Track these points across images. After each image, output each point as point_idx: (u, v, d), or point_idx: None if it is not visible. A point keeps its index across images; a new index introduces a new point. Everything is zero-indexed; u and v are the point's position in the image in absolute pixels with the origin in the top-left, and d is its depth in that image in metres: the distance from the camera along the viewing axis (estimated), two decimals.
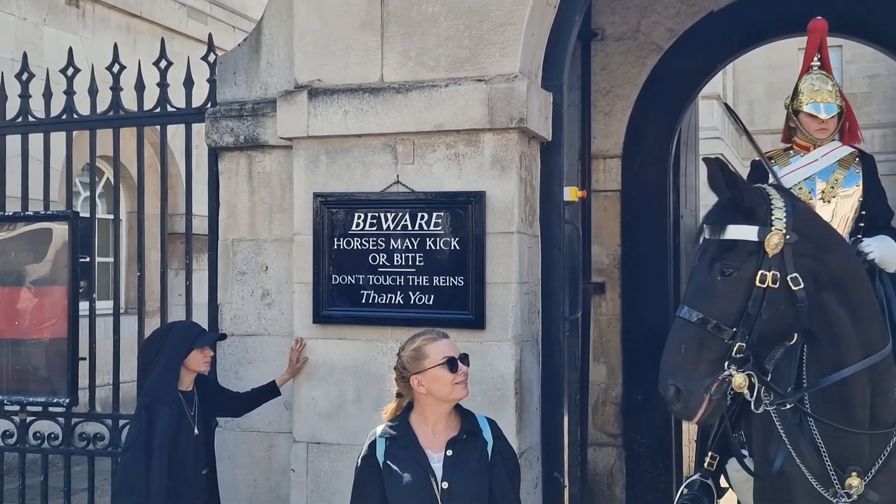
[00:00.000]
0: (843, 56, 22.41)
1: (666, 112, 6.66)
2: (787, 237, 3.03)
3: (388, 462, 3.03)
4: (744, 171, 4.48)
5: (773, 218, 3.06)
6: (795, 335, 3.21)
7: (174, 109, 5.01)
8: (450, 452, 2.99)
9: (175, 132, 5.62)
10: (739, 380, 2.99)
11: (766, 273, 3.00)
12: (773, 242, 3.01)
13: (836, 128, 4.26)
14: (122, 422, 4.93)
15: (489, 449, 3.02)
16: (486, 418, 3.14)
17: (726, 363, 2.98)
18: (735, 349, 2.98)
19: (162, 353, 4.05)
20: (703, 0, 6.58)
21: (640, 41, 6.70)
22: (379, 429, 3.12)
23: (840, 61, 22.37)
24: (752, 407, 3.14)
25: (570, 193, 4.53)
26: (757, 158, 4.40)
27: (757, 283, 3.00)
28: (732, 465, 3.81)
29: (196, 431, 4.06)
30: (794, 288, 3.01)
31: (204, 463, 4.15)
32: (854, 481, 3.26)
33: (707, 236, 3.14)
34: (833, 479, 3.30)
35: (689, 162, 7.40)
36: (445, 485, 2.94)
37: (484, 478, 2.98)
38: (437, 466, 2.99)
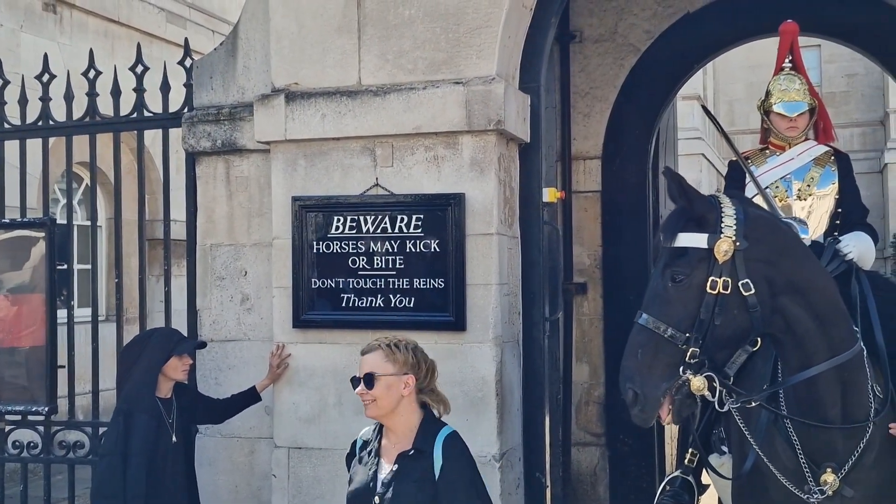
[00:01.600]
0: (822, 55, 22.58)
1: (644, 113, 6.69)
2: (737, 244, 3.07)
3: (354, 464, 3.11)
4: (726, 168, 4.53)
5: (722, 225, 3.10)
6: (759, 340, 3.23)
7: (151, 115, 4.99)
8: (395, 467, 2.97)
9: (154, 137, 5.60)
10: (697, 383, 3.03)
11: (717, 279, 3.04)
12: (723, 249, 3.05)
13: (807, 126, 4.31)
14: (101, 429, 4.89)
15: (436, 469, 2.93)
16: (451, 436, 3.02)
17: (681, 368, 3.02)
18: (689, 354, 3.02)
19: (141, 360, 4.03)
20: (680, 2, 6.63)
21: (618, 43, 6.73)
22: (369, 428, 3.14)
23: (818, 61, 22.55)
24: (717, 406, 3.17)
25: (549, 194, 4.54)
26: (734, 159, 4.45)
27: (708, 290, 3.04)
28: (713, 460, 3.83)
29: (174, 439, 4.04)
30: (745, 294, 3.05)
31: (182, 470, 4.13)
32: (829, 478, 3.29)
33: (661, 244, 3.18)
34: (807, 476, 3.32)
35: (669, 162, 7.44)
36: (377, 500, 2.94)
37: (422, 497, 2.91)
38: (382, 478, 2.97)
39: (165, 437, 4.00)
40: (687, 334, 3.02)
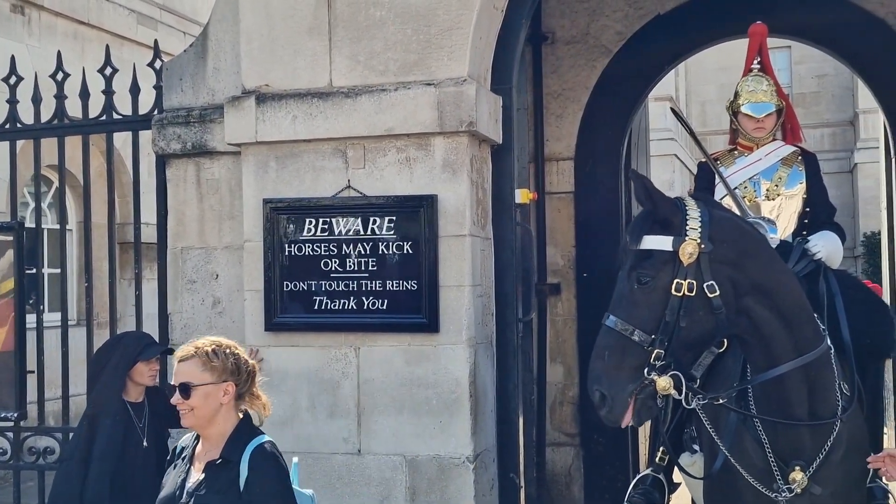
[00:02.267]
0: (792, 57, 22.81)
1: (616, 114, 6.72)
2: (702, 246, 3.08)
3: (169, 470, 3.00)
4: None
5: (687, 228, 3.11)
6: (725, 341, 3.25)
7: (120, 117, 4.95)
8: (203, 476, 2.86)
9: (124, 140, 5.55)
10: (663, 383, 3.04)
11: (682, 282, 3.06)
12: (688, 252, 3.07)
13: (775, 126, 4.36)
14: (72, 435, 4.84)
15: (242, 481, 2.81)
16: (260, 446, 2.88)
17: (646, 370, 3.04)
18: (654, 356, 3.04)
19: (109, 365, 3.99)
20: (650, 3, 6.66)
21: (590, 44, 6.76)
22: (191, 434, 3.02)
23: (789, 62, 22.78)
24: (684, 403, 3.19)
25: (522, 196, 4.55)
26: (704, 160, 4.48)
27: (673, 292, 3.06)
28: (684, 459, 3.85)
29: (146, 444, 4.00)
30: (710, 295, 3.07)
31: (154, 474, 4.09)
32: (797, 475, 3.32)
33: (627, 246, 3.19)
34: (776, 474, 3.35)
35: (641, 163, 7.48)
36: None
37: None
38: (189, 487, 2.87)
39: (135, 441, 3.96)
40: (652, 336, 3.04)
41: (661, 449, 4.03)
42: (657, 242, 3.11)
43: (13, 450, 5.08)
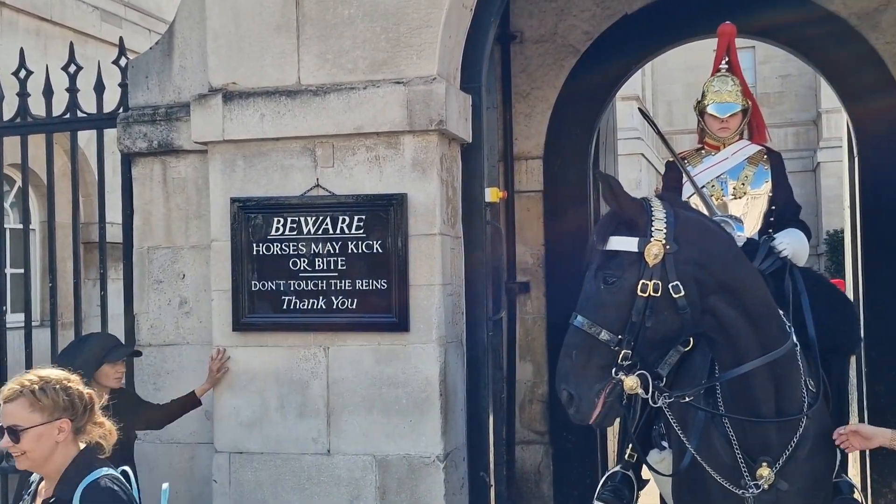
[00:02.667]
0: (756, 57, 23.07)
1: (584, 113, 6.74)
2: (667, 247, 3.11)
3: None
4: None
5: (653, 229, 3.14)
6: (691, 340, 3.28)
7: (85, 115, 4.88)
8: None
9: (89, 138, 5.48)
10: (630, 382, 3.07)
11: (647, 282, 3.08)
12: (653, 252, 3.09)
13: (739, 126, 4.40)
14: None
15: None
16: (93, 483, 2.68)
17: (613, 370, 3.06)
18: (621, 356, 3.06)
19: (74, 366, 3.93)
20: (618, 3, 6.69)
21: (558, 44, 6.78)
22: None
23: (753, 62, 23.02)
24: (650, 402, 3.21)
25: (492, 194, 4.55)
26: (672, 159, 4.51)
27: (639, 293, 3.08)
28: (653, 456, 3.88)
29: None
30: (675, 296, 3.09)
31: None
32: (764, 472, 3.36)
33: (594, 246, 3.21)
34: (743, 470, 3.38)
35: (609, 162, 7.52)
36: None
37: None
38: None
39: None
40: (619, 336, 3.06)
41: (630, 446, 4.05)
42: (623, 243, 3.13)
43: None
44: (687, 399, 3.40)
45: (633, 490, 4.04)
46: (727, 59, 4.48)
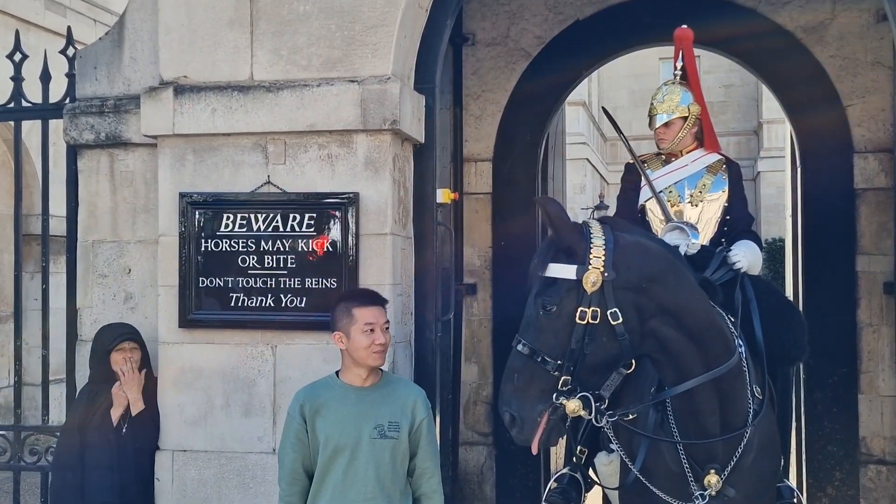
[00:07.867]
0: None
1: (534, 117, 6.80)
2: (605, 274, 3.09)
3: None
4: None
5: (591, 256, 3.11)
6: (633, 363, 3.30)
7: (30, 105, 4.77)
8: None
9: (31, 129, 5.36)
10: (572, 406, 3.07)
11: (586, 310, 3.07)
12: (591, 280, 3.08)
13: (678, 134, 4.43)
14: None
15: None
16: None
17: (554, 395, 3.07)
18: (561, 381, 3.06)
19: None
20: (569, 9, 6.76)
21: (510, 47, 6.82)
22: None
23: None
24: (594, 422, 3.24)
25: (443, 195, 4.56)
26: (632, 161, 4.56)
27: (577, 320, 3.07)
28: (601, 458, 3.91)
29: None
30: (613, 323, 3.09)
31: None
32: (712, 479, 3.40)
33: (534, 271, 3.21)
34: (689, 479, 3.43)
35: (557, 166, 7.58)
36: None
37: None
38: None
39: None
40: (559, 362, 3.05)
41: (578, 447, 4.08)
42: (561, 271, 3.11)
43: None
44: (631, 416, 3.42)
45: (580, 492, 4.07)
46: (682, 63, 4.53)
